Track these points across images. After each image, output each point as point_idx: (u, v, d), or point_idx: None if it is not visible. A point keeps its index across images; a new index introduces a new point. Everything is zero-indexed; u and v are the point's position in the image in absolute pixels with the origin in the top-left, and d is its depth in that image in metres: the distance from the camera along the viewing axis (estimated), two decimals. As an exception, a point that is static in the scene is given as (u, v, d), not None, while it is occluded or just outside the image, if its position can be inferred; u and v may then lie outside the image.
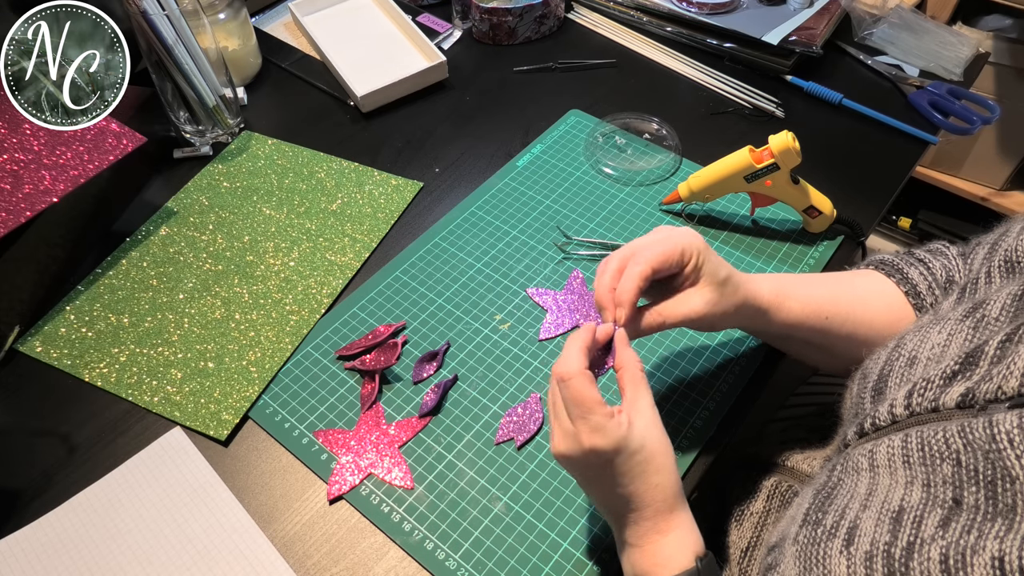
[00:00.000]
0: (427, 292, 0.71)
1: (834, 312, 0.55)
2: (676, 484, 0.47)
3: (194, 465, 0.59)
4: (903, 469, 0.37)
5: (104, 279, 0.72)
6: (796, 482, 0.62)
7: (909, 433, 0.38)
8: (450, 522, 0.56)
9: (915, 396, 0.40)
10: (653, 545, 0.46)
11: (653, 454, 0.46)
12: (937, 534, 0.32)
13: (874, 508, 0.37)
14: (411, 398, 0.63)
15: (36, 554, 0.54)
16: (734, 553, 0.62)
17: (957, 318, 0.45)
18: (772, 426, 0.77)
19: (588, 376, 0.47)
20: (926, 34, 1.00)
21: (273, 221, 0.78)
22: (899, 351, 0.47)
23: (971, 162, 1.59)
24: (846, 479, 0.42)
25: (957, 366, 0.40)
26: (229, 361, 0.66)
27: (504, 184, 0.82)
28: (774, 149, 0.67)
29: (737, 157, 0.70)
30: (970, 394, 0.37)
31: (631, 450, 0.45)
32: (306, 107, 0.93)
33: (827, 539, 0.38)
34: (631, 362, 0.49)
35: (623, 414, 0.46)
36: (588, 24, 1.06)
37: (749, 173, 0.69)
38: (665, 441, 0.47)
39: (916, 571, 0.32)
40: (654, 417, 0.47)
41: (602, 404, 0.46)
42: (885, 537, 0.35)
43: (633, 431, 0.45)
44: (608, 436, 0.45)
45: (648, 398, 0.48)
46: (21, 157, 0.68)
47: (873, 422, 0.43)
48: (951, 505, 0.33)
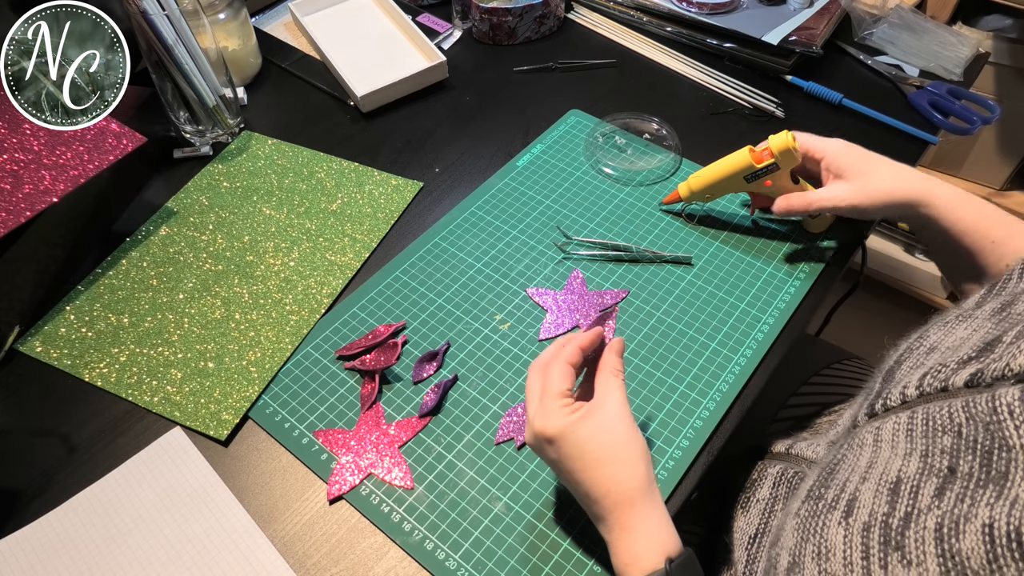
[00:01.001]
0: (427, 292, 0.71)
1: (1002, 241, 0.58)
2: (639, 477, 0.47)
3: (194, 465, 0.59)
4: (905, 442, 0.37)
5: (104, 279, 0.72)
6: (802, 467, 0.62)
7: (915, 410, 0.38)
8: (450, 522, 0.55)
9: (927, 378, 0.41)
10: (622, 543, 0.47)
11: (608, 444, 0.47)
12: (933, 504, 0.33)
13: (873, 480, 0.37)
14: (411, 398, 0.63)
15: (36, 554, 0.54)
16: (741, 539, 0.61)
17: (985, 315, 0.45)
18: (774, 426, 0.77)
19: (563, 366, 0.50)
20: (926, 34, 1.00)
21: (273, 221, 0.78)
22: (921, 341, 0.47)
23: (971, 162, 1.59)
24: (849, 455, 0.42)
25: (974, 353, 0.40)
26: (229, 361, 0.66)
27: (504, 184, 0.82)
28: (774, 149, 0.67)
29: (737, 157, 0.70)
30: (979, 373, 0.37)
31: (577, 437, 0.47)
32: (306, 107, 0.93)
33: (827, 512, 0.38)
34: (610, 365, 0.52)
35: (584, 407, 0.49)
36: (588, 24, 1.06)
37: (749, 173, 0.69)
38: (627, 434, 0.48)
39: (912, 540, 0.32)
40: (619, 415, 0.49)
41: (561, 393, 0.49)
42: (883, 508, 0.35)
43: (584, 421, 0.48)
44: (553, 420, 0.48)
45: (618, 397, 0.49)
46: (21, 157, 0.68)
47: (884, 403, 0.43)
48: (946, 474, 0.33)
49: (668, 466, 0.58)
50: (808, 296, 0.70)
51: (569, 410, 0.48)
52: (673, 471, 0.58)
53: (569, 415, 0.48)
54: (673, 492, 0.57)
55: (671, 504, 0.56)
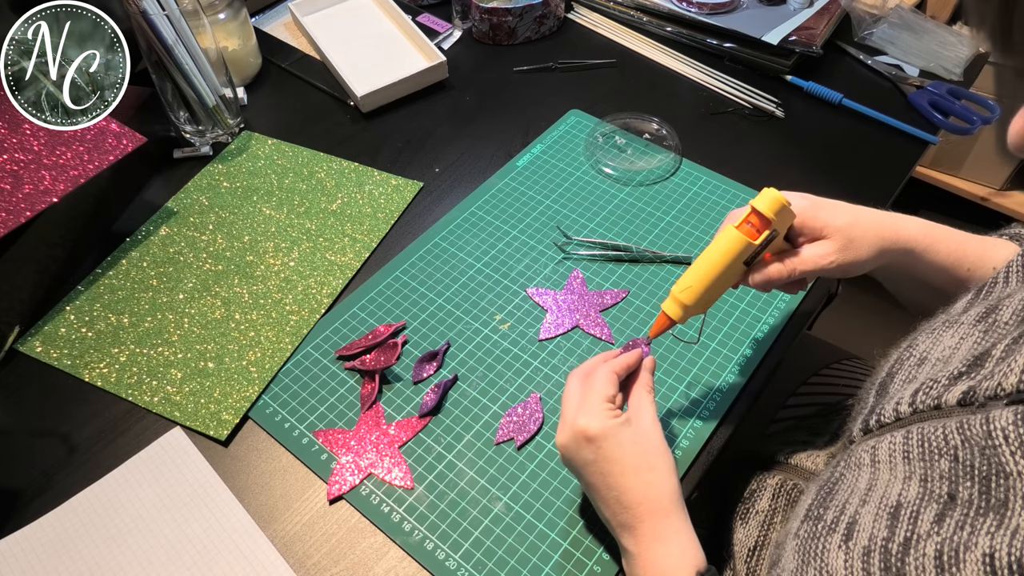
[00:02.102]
0: (427, 292, 0.71)
1: (977, 266, 0.56)
2: (673, 488, 0.48)
3: (194, 465, 0.59)
4: (903, 464, 0.37)
5: (104, 279, 0.72)
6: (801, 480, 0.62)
7: (911, 430, 0.38)
8: (450, 522, 0.56)
9: (920, 395, 0.41)
10: (652, 553, 0.46)
11: (647, 451, 0.48)
12: (932, 530, 0.33)
13: (873, 503, 0.37)
14: (411, 398, 0.63)
15: (36, 554, 0.54)
16: (741, 551, 0.61)
17: (971, 321, 0.45)
18: (773, 426, 0.77)
19: (610, 374, 0.51)
20: (926, 34, 1.00)
21: (273, 221, 0.78)
22: (911, 351, 0.47)
23: (971, 162, 1.59)
24: (848, 475, 0.42)
25: (964, 367, 0.40)
26: (229, 361, 0.66)
27: (504, 184, 0.82)
28: (766, 213, 0.51)
29: (727, 243, 0.52)
30: (971, 392, 0.37)
31: (619, 438, 0.48)
32: (306, 107, 0.93)
33: (827, 534, 0.38)
34: (644, 381, 0.53)
35: (623, 415, 0.49)
36: (588, 24, 1.06)
37: (749, 255, 0.53)
38: (663, 446, 0.49)
39: (912, 567, 0.32)
40: (653, 426, 0.50)
41: (606, 396, 0.49)
42: (883, 533, 0.35)
43: (625, 427, 0.48)
44: (597, 418, 0.48)
45: (651, 412, 0.50)
46: (21, 157, 0.68)
47: (878, 419, 0.43)
48: (946, 500, 0.33)
49: (668, 466, 0.58)
50: (808, 296, 0.70)
51: (612, 413, 0.49)
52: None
53: (612, 418, 0.48)
54: (673, 492, 0.57)
55: (671, 504, 0.56)
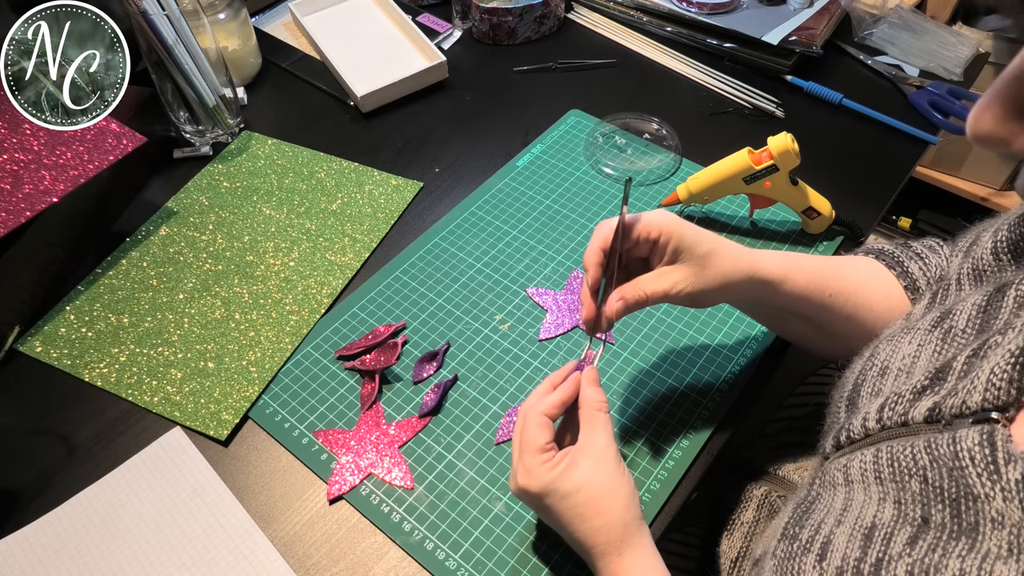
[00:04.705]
0: (427, 292, 0.71)
1: (838, 290, 0.55)
2: (622, 526, 0.46)
3: (194, 465, 0.59)
4: (875, 485, 0.38)
5: (104, 279, 0.72)
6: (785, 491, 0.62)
7: (880, 448, 0.39)
8: (450, 522, 0.56)
9: (886, 410, 0.41)
10: None
11: (592, 497, 0.46)
12: (904, 551, 0.33)
13: (848, 524, 0.37)
14: (411, 398, 0.63)
15: (36, 554, 0.54)
16: (724, 563, 0.62)
17: (926, 327, 0.45)
18: (770, 427, 0.77)
19: (539, 418, 0.48)
20: (926, 34, 1.00)
21: (273, 221, 0.78)
22: (872, 360, 0.48)
23: (971, 162, 1.59)
24: (824, 493, 0.42)
25: (927, 380, 0.40)
26: (229, 361, 0.66)
27: (504, 184, 0.82)
28: (773, 151, 0.67)
29: (736, 159, 0.70)
30: (937, 409, 0.38)
31: (561, 493, 0.46)
32: (306, 107, 0.93)
33: (802, 553, 0.39)
34: (590, 401, 0.49)
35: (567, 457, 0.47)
36: (588, 24, 1.06)
37: (748, 175, 0.69)
38: (613, 481, 0.46)
39: None
40: (604, 458, 0.47)
41: (540, 448, 0.47)
42: (856, 553, 0.35)
43: (566, 476, 0.46)
44: (535, 479, 0.46)
45: (603, 438, 0.48)
46: (21, 157, 0.68)
47: (848, 435, 0.44)
48: (920, 523, 0.34)
49: (668, 466, 0.58)
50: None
51: (550, 465, 0.46)
52: (673, 471, 0.58)
53: (550, 471, 0.46)
54: (673, 492, 0.57)
55: (671, 504, 0.56)
